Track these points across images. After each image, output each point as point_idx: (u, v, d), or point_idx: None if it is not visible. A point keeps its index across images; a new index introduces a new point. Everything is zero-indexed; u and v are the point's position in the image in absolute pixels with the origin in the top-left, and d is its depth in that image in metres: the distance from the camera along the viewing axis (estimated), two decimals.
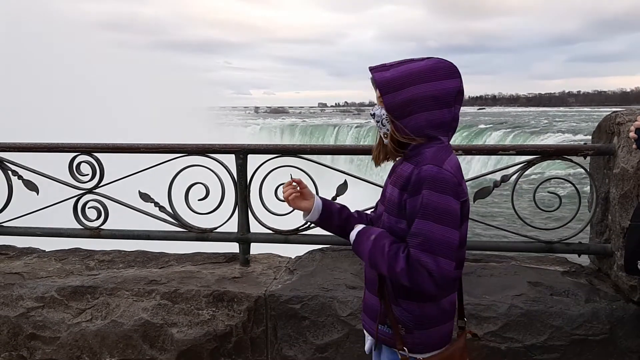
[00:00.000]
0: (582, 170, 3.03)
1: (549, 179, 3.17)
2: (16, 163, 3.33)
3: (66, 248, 3.61)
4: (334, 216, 1.94)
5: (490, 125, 43.74)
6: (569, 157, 2.90)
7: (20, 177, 3.31)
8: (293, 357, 2.82)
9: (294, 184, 2.00)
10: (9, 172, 3.32)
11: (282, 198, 3.04)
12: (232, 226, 3.20)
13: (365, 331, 1.93)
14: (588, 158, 2.96)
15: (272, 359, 2.87)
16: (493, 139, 36.06)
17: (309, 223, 3.07)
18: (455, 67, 1.68)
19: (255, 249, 3.35)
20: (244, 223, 3.19)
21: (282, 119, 71.58)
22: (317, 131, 50.06)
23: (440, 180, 1.59)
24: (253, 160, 3.15)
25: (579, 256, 3.05)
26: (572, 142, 25.33)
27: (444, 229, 1.58)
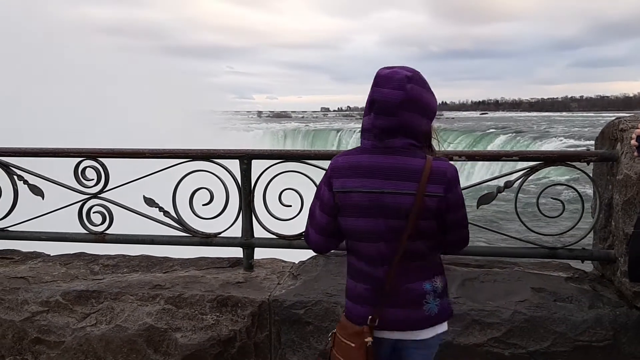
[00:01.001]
0: (586, 176, 3.04)
1: (552, 185, 3.18)
2: (22, 168, 3.35)
3: (71, 252, 3.63)
4: None
5: (493, 130, 43.70)
6: (572, 164, 2.90)
7: (25, 182, 3.33)
8: None
9: None
10: (15, 177, 3.34)
11: (286, 203, 3.06)
12: (236, 231, 3.21)
13: None
14: (591, 164, 2.96)
15: None
16: (496, 144, 36.01)
17: None
18: (380, 77, 1.79)
19: (259, 254, 3.36)
20: (248, 228, 3.20)
21: (285, 123, 71.58)
22: (320, 135, 50.09)
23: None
24: (257, 166, 3.16)
25: (583, 262, 3.05)
26: (575, 148, 25.29)
27: (313, 204, 1.97)
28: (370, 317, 1.85)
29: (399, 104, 1.74)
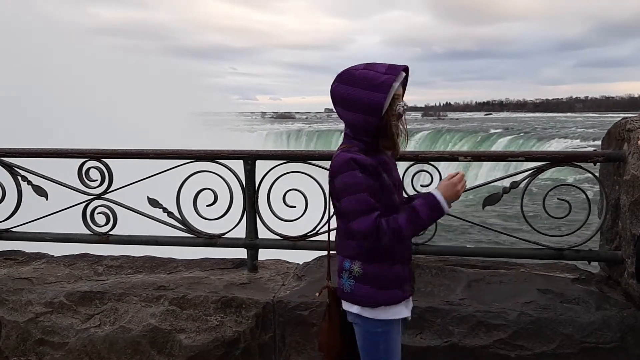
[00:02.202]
0: (592, 177, 3.02)
1: (558, 186, 3.16)
2: (25, 168, 3.35)
3: (75, 253, 3.62)
4: None
5: (498, 131, 43.63)
6: (578, 164, 2.88)
7: (29, 183, 3.33)
8: None
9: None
10: (19, 178, 3.34)
11: (290, 204, 3.05)
12: (240, 232, 3.20)
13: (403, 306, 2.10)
14: (598, 164, 2.94)
15: None
16: (500, 144, 35.96)
17: (317, 229, 3.07)
18: None
19: (263, 254, 3.35)
20: (252, 229, 3.19)
21: (289, 124, 71.58)
22: (323, 136, 50.09)
23: None
24: (261, 166, 3.15)
25: (589, 263, 3.03)
26: (580, 148, 25.21)
27: None
28: None
29: (332, 99, 2.02)
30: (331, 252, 2.20)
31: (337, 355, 2.16)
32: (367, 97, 1.91)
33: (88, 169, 3.24)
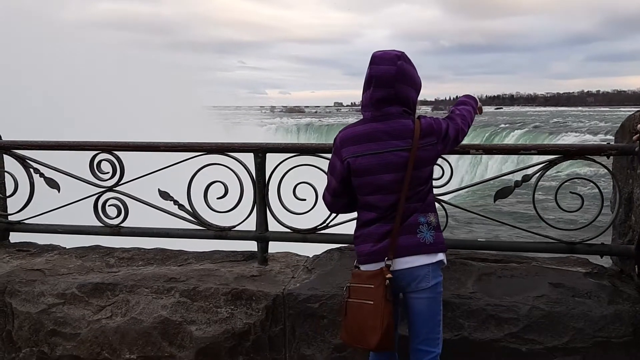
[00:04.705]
0: (605, 170, 2.99)
1: (571, 179, 3.13)
2: (38, 161, 3.37)
3: (86, 245, 3.65)
4: None
5: (508, 125, 43.32)
6: (591, 157, 2.85)
7: (42, 175, 3.35)
8: (311, 356, 2.81)
9: None
10: (31, 170, 3.36)
11: (300, 197, 3.05)
12: (251, 225, 3.20)
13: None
14: (611, 158, 2.91)
15: (290, 358, 2.87)
16: (512, 138, 35.70)
17: (327, 222, 3.07)
18: (376, 57, 2.16)
19: (273, 247, 3.35)
20: (262, 222, 3.19)
21: (299, 118, 71.48)
22: (333, 130, 49.93)
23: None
24: (271, 159, 3.15)
25: (602, 257, 3.01)
26: (592, 142, 24.96)
27: (328, 176, 2.37)
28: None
29: (394, 77, 2.12)
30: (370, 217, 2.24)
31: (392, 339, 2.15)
32: (420, 79, 2.24)
33: (100, 162, 3.25)
